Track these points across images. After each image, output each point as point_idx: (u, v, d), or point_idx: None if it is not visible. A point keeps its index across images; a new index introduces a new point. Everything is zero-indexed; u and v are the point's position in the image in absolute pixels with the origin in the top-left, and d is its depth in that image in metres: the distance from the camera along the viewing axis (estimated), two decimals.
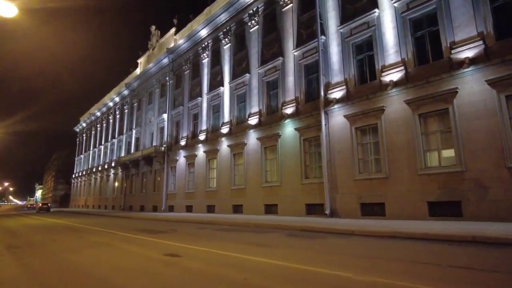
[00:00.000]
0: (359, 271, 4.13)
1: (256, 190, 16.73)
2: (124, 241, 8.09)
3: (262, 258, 5.26)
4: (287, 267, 4.62)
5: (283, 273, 4.25)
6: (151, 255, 5.95)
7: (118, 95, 37.30)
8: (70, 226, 13.45)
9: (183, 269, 4.70)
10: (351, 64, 13.64)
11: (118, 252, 6.35)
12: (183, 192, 22.82)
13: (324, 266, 4.51)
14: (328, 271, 4.17)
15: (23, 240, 8.79)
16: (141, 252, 6.30)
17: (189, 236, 9.01)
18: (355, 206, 12.36)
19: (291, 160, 15.14)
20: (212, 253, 6.05)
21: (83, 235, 9.66)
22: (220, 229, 10.72)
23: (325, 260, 5.11)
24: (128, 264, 5.14)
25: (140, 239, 8.33)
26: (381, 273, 3.98)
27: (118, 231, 10.49)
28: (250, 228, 10.56)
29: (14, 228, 13.63)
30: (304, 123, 14.84)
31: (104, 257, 5.85)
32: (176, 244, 7.20)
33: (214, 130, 21.14)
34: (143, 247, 6.98)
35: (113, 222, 16.00)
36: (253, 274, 4.19)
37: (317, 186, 13.83)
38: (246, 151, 17.85)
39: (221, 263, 5.09)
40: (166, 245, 7.22)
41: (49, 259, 5.80)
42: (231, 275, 4.20)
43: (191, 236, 8.91)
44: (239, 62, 19.77)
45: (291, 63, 16.13)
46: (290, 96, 15.86)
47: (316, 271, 4.20)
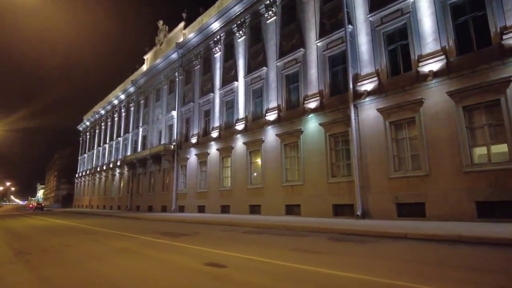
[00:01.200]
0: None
1: (275, 190, 15.77)
2: (149, 247, 7.15)
3: (325, 269, 4.35)
4: (365, 280, 3.73)
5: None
6: (189, 264, 5.02)
7: (123, 92, 36.38)
8: (81, 228, 12.52)
9: (237, 285, 3.78)
10: (382, 54, 12.68)
11: (148, 261, 5.41)
12: (194, 191, 21.88)
13: (411, 279, 3.66)
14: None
15: (33, 245, 7.85)
16: (176, 261, 5.36)
17: (217, 240, 8.05)
18: (390, 206, 11.40)
19: (315, 157, 14.18)
20: (259, 262, 5.12)
21: (98, 239, 8.73)
22: (247, 231, 9.77)
23: (405, 271, 4.18)
24: (167, 278, 4.21)
25: (165, 244, 7.38)
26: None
27: (135, 234, 9.55)
28: (281, 231, 9.61)
29: (20, 230, 12.71)
30: (329, 117, 13.89)
31: (134, 268, 4.91)
32: (210, 250, 6.27)
33: (227, 127, 20.19)
34: (175, 255, 6.03)
35: (124, 223, 15.06)
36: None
37: (346, 185, 12.88)
38: (263, 148, 16.89)
39: (278, 275, 4.16)
40: (199, 251, 6.28)
41: (69, 270, 4.86)
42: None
43: (220, 240, 7.96)
44: (255, 55, 18.82)
45: (314, 55, 15.18)
46: (313, 90, 14.91)
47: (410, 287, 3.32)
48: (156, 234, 9.52)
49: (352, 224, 9.75)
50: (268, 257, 5.42)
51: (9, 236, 10.49)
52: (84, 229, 12.23)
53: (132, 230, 11.23)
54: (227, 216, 16.74)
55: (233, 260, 5.31)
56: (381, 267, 4.52)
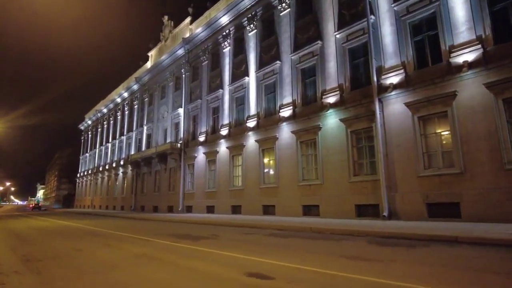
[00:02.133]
0: None
1: (291, 189, 15.02)
2: (170, 252, 6.40)
3: (394, 281, 3.62)
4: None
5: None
6: (228, 275, 4.28)
7: (127, 90, 35.60)
8: (89, 231, 11.76)
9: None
10: (408, 46, 11.93)
11: (178, 271, 4.66)
12: (202, 191, 21.11)
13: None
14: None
15: (41, 250, 7.09)
16: (211, 271, 4.61)
17: (244, 244, 7.29)
18: (420, 206, 10.65)
19: (335, 155, 13.43)
20: (309, 272, 4.39)
21: (111, 243, 7.97)
22: (272, 234, 9.02)
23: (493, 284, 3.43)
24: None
25: (188, 250, 6.62)
26: None
27: (150, 237, 8.80)
28: (309, 234, 8.85)
29: (23, 232, 11.94)
30: (351, 113, 13.14)
31: (166, 279, 4.15)
32: (244, 257, 5.52)
33: (238, 124, 19.43)
34: (206, 263, 5.27)
35: (133, 224, 14.30)
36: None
37: (370, 184, 12.13)
38: (277, 146, 16.13)
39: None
40: (231, 258, 5.54)
41: (88, 282, 4.10)
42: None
43: (248, 245, 7.19)
44: (267, 49, 18.07)
45: (332, 47, 14.43)
46: (331, 84, 14.16)
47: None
48: (172, 237, 8.77)
49: (383, 225, 9.00)
50: (316, 265, 4.70)
51: (13, 239, 9.74)
52: (92, 231, 11.47)
53: (144, 232, 10.48)
54: (239, 217, 15.99)
55: (278, 269, 4.57)
56: (460, 279, 3.77)
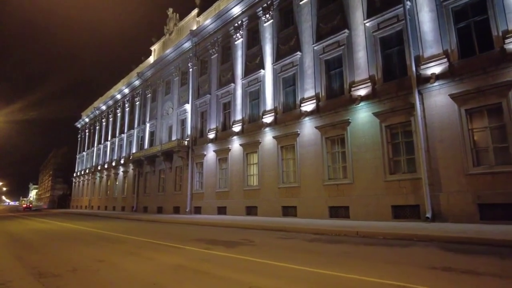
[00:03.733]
0: None
1: (315, 189, 13.94)
2: (212, 263, 5.24)
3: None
4: None
5: None
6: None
7: (127, 86, 34.20)
8: (98, 234, 10.52)
9: None
10: (452, 33, 10.95)
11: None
12: (213, 191, 19.93)
13: None
14: None
15: (52, 260, 5.88)
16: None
17: (289, 252, 6.12)
18: (470, 208, 9.66)
19: (367, 152, 12.40)
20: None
21: (133, 251, 6.76)
22: (314, 239, 7.92)
23: None
24: None
25: (230, 259, 5.48)
26: None
27: (173, 243, 7.63)
28: (357, 239, 7.76)
29: (25, 236, 10.65)
30: (385, 106, 12.12)
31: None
32: (308, 270, 4.45)
33: (252, 120, 18.31)
34: (267, 277, 4.14)
35: (145, 227, 13.08)
36: None
37: (409, 183, 11.12)
38: (299, 143, 15.05)
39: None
40: (292, 271, 4.46)
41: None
42: None
43: (295, 252, 6.03)
44: (285, 40, 16.99)
45: (361, 36, 13.41)
46: (361, 75, 13.13)
47: None
48: (199, 243, 7.64)
49: (437, 229, 7.95)
50: (417, 281, 3.77)
51: (15, 245, 8.46)
52: (103, 235, 10.24)
53: (163, 236, 9.30)
54: (256, 218, 14.88)
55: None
56: None
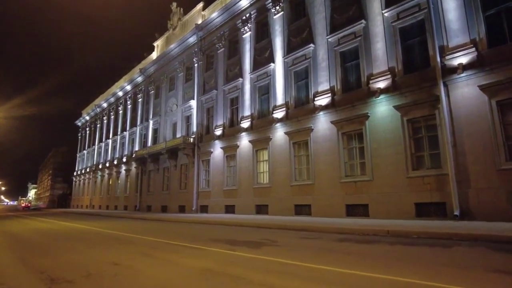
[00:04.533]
0: None
1: (331, 187, 13.37)
2: (242, 266, 4.63)
3: None
4: None
5: None
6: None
7: (129, 82, 33.53)
8: (106, 234, 9.92)
9: None
10: (480, 21, 10.36)
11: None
12: (220, 189, 19.33)
13: None
14: None
15: (61, 263, 5.27)
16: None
17: (319, 252, 5.47)
18: (504, 205, 9.08)
19: (387, 148, 11.82)
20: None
21: (150, 253, 6.14)
22: (341, 239, 7.33)
23: None
24: None
25: (260, 261, 4.88)
26: None
27: (191, 243, 7.02)
28: (388, 238, 7.17)
29: (28, 236, 10.03)
30: (407, 99, 11.55)
31: None
32: (354, 273, 3.92)
33: (262, 115, 17.72)
34: (309, 282, 3.55)
35: (154, 227, 12.49)
36: None
37: (434, 179, 10.55)
38: (312, 138, 14.47)
39: None
40: (333, 274, 3.90)
41: None
42: None
43: (327, 253, 5.40)
44: (297, 33, 16.38)
45: (379, 27, 12.82)
46: (380, 67, 12.55)
47: None
48: (218, 243, 7.05)
49: (472, 227, 7.38)
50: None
51: (19, 246, 7.85)
52: (111, 235, 9.63)
53: (177, 236, 8.70)
54: (268, 217, 14.29)
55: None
56: None
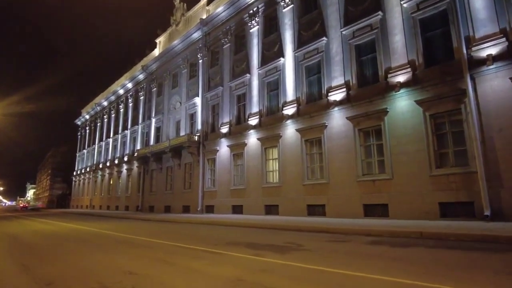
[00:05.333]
0: None
1: (347, 186, 12.76)
2: (273, 274, 4.02)
3: None
4: None
5: None
6: None
7: (131, 80, 32.84)
8: (112, 237, 9.28)
9: None
10: (510, 9, 9.78)
11: None
12: (227, 189, 18.70)
13: None
14: None
15: (69, 272, 4.63)
16: None
17: (355, 257, 4.83)
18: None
19: (408, 144, 11.22)
20: None
21: (166, 259, 5.51)
22: (372, 242, 6.72)
23: None
24: None
25: (292, 268, 4.26)
26: None
27: (209, 247, 6.41)
28: (425, 241, 6.57)
29: (29, 239, 9.38)
30: (429, 93, 10.95)
31: None
32: (411, 283, 3.26)
33: (271, 112, 17.10)
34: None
35: (160, 228, 11.86)
36: None
37: (460, 178, 9.96)
38: (326, 135, 13.86)
39: None
40: (388, 284, 3.25)
41: None
42: None
43: (364, 259, 4.78)
44: (308, 26, 15.77)
45: (398, 19, 12.22)
46: (399, 60, 11.95)
47: None
48: (239, 247, 6.45)
49: (504, 229, 6.79)
50: None
51: (19, 251, 7.20)
52: (119, 238, 8.99)
53: (190, 239, 8.08)
54: (279, 218, 13.69)
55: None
56: None
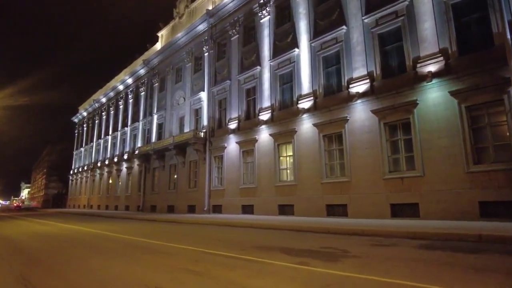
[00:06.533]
0: None
1: (372, 184, 11.88)
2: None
3: None
4: None
5: None
6: None
7: (131, 75, 31.72)
8: (120, 240, 8.29)
9: None
10: None
11: None
12: (236, 188, 17.75)
13: None
14: None
15: (77, 285, 3.67)
16: None
17: (420, 266, 3.89)
18: None
19: (442, 139, 10.37)
20: None
21: (191, 267, 4.51)
22: (422, 246, 5.83)
23: None
24: None
25: (363, 282, 3.34)
26: None
27: (238, 254, 5.46)
28: (486, 245, 5.69)
29: (28, 243, 8.33)
30: (465, 83, 10.10)
31: None
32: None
33: (284, 106, 16.18)
34: None
35: (170, 230, 10.88)
36: None
37: (503, 175, 9.09)
38: (348, 130, 12.98)
39: None
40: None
41: None
42: None
43: (433, 268, 3.84)
44: (324, 15, 14.87)
45: (427, 5, 11.34)
46: (429, 49, 11.08)
47: None
48: (273, 252, 5.55)
49: None
50: None
51: (17, 258, 6.17)
52: (129, 241, 8.00)
53: (210, 242, 7.13)
54: (296, 219, 12.80)
55: None
56: None
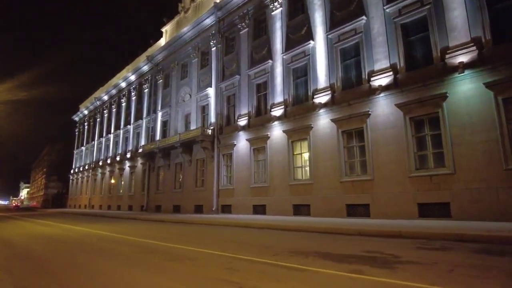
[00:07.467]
0: None
1: (397, 183, 11.20)
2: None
3: None
4: None
5: None
6: None
7: (134, 72, 30.97)
8: (132, 243, 7.58)
9: None
10: None
11: None
12: (246, 187, 17.05)
13: None
14: None
15: None
16: None
17: (495, 276, 3.32)
18: None
19: (475, 134, 9.69)
20: None
21: (230, 278, 3.77)
22: (481, 250, 5.15)
23: None
24: None
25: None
26: None
27: (275, 260, 4.74)
28: None
29: (30, 246, 7.60)
30: (500, 74, 9.41)
31: None
32: None
33: (298, 101, 15.48)
34: None
35: (183, 231, 10.18)
36: None
37: None
38: (369, 125, 12.29)
39: None
40: None
41: None
42: None
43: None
44: (341, 5, 14.18)
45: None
46: (459, 38, 10.41)
47: None
48: (311, 258, 4.88)
49: None
50: None
51: (18, 264, 5.43)
52: (144, 244, 7.28)
53: (234, 246, 6.43)
54: (312, 219, 12.15)
55: None
56: None
